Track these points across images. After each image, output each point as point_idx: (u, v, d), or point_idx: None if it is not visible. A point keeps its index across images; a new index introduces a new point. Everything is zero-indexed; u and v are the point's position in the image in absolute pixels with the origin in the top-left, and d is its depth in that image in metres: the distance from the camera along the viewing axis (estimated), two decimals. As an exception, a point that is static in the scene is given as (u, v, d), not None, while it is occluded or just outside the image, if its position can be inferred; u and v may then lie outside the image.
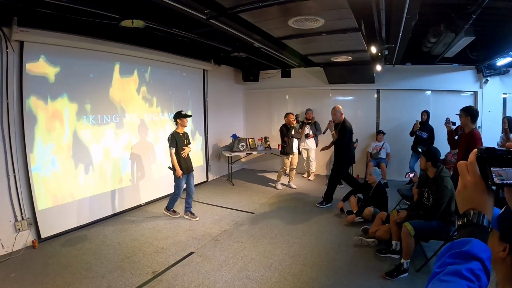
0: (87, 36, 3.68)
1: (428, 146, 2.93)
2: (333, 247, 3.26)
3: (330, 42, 3.87)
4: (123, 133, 4.37)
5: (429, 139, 5.30)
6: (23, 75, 3.22)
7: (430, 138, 5.31)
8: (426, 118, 5.36)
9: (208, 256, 3.06)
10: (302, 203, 4.79)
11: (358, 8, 2.87)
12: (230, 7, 2.69)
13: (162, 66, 4.97)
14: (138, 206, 4.63)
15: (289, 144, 5.40)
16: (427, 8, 3.20)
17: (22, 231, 3.25)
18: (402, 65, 5.77)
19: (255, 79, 6.82)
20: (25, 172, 3.29)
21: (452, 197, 2.72)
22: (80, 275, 2.74)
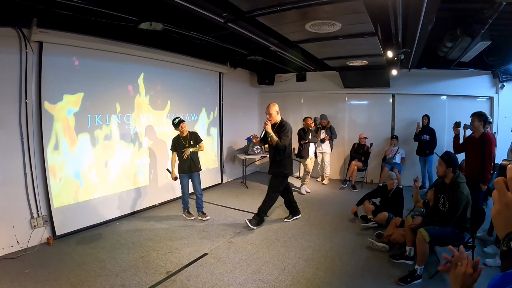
0: (106, 38, 3.74)
1: (447, 152, 2.90)
2: (346, 252, 3.25)
3: (346, 46, 3.86)
4: (139, 134, 4.43)
5: (431, 141, 5.43)
6: (42, 75, 3.28)
7: (432, 141, 5.43)
8: (427, 121, 5.49)
9: (222, 258, 3.07)
10: (316, 207, 4.78)
11: (375, 13, 2.86)
12: (248, 11, 2.71)
13: (179, 68, 5.03)
14: (152, 207, 4.68)
15: (305, 148, 5.38)
16: (443, 12, 3.17)
17: (38, 228, 3.32)
18: (418, 69, 5.71)
19: (270, 82, 6.84)
20: (42, 170, 3.36)
21: (468, 204, 2.70)
22: (94, 273, 2.78)
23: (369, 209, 3.99)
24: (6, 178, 3.11)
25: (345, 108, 6.67)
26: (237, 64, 6.19)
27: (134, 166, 4.39)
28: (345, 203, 4.90)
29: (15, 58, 3.13)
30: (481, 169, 3.28)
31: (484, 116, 3.35)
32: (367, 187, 5.84)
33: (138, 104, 4.39)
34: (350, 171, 5.81)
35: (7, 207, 3.11)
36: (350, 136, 6.47)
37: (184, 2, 2.54)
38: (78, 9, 2.92)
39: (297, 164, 6.88)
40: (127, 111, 4.23)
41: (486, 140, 3.27)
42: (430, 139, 5.43)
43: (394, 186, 3.80)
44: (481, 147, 3.30)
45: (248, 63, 6.10)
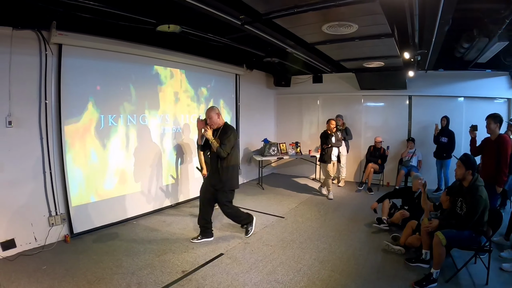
0: (124, 40, 3.79)
1: (466, 154, 2.87)
2: (362, 254, 3.23)
3: (362, 48, 3.85)
4: (155, 134, 4.48)
5: (450, 144, 5.32)
6: (61, 77, 3.35)
7: (450, 143, 5.32)
8: (446, 123, 5.37)
9: (238, 258, 3.08)
10: (332, 209, 4.76)
11: (392, 14, 2.85)
12: (264, 13, 2.72)
13: (196, 70, 5.07)
14: (169, 207, 4.73)
15: (328, 153, 5.23)
16: (460, 13, 3.14)
17: (56, 226, 3.39)
18: (435, 71, 5.66)
19: (286, 84, 6.85)
20: (61, 169, 3.43)
21: (486, 207, 2.66)
22: (110, 270, 2.81)
23: (386, 209, 3.95)
24: (25, 176, 3.19)
25: (361, 110, 6.63)
26: (253, 66, 6.22)
27: (151, 166, 4.44)
28: (361, 206, 4.87)
29: (35, 60, 3.21)
30: (496, 172, 3.25)
31: (499, 117, 3.34)
32: (383, 189, 5.78)
33: (156, 105, 4.45)
34: (367, 174, 5.77)
35: (26, 204, 3.19)
36: (366, 138, 6.43)
37: (202, 5, 2.57)
38: (97, 12, 2.97)
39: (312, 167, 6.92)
40: (144, 112, 4.29)
41: (502, 142, 3.25)
42: (449, 141, 5.30)
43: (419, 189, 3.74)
44: (497, 150, 3.27)
45: (264, 65, 6.11)
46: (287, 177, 7.06)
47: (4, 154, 3.03)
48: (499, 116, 3.35)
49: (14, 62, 3.04)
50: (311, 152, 6.36)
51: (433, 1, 2.49)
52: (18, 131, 3.10)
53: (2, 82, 2.98)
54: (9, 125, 3.03)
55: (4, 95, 3.00)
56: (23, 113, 3.14)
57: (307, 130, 7.27)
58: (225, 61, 5.49)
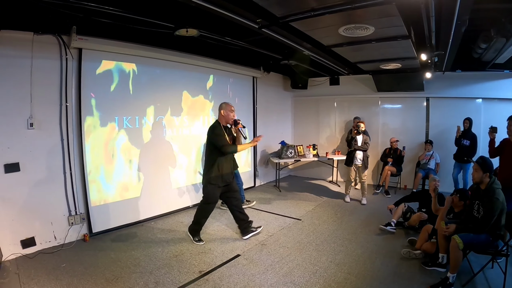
0: (143, 44, 3.86)
1: (483, 157, 2.83)
2: (378, 257, 3.21)
3: (379, 50, 3.83)
4: (175, 136, 4.55)
5: (472, 147, 5.14)
6: (81, 80, 3.43)
7: (472, 146, 5.14)
8: (469, 125, 5.17)
9: (254, 260, 3.11)
10: (349, 212, 4.73)
11: (408, 15, 2.84)
12: (281, 16, 2.74)
13: (214, 73, 5.12)
14: (186, 208, 4.77)
15: (350, 156, 5.15)
16: (477, 13, 3.10)
17: (75, 225, 3.48)
18: (452, 72, 5.53)
19: (303, 87, 6.82)
20: (81, 170, 3.52)
21: (503, 210, 2.63)
22: (128, 269, 2.87)
23: (399, 213, 3.91)
24: (47, 176, 3.28)
25: (378, 112, 6.54)
26: (270, 69, 6.22)
27: (170, 168, 4.51)
28: (378, 209, 4.82)
29: (56, 64, 3.30)
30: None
31: None
32: (400, 192, 5.73)
33: (176, 107, 4.52)
34: (384, 176, 5.70)
35: (47, 204, 3.28)
36: (384, 141, 6.33)
37: (220, 9, 2.60)
38: (116, 17, 3.04)
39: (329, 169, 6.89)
40: (163, 114, 4.35)
41: None
42: (471, 144, 5.11)
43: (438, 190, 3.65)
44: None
45: (281, 67, 6.12)
46: (304, 180, 7.05)
47: (26, 155, 3.12)
48: None
49: (35, 66, 3.13)
50: (328, 155, 6.32)
51: (449, 2, 2.46)
52: (39, 132, 3.20)
53: (24, 85, 3.08)
54: (31, 127, 3.13)
55: (26, 97, 3.09)
56: (44, 116, 3.23)
57: (324, 132, 7.23)
58: (242, 64, 5.53)
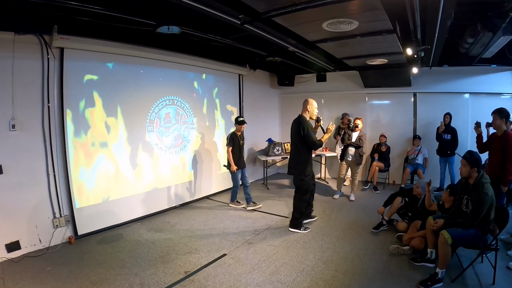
0: (125, 42, 3.81)
1: (470, 152, 2.81)
2: (366, 254, 3.19)
3: (365, 45, 3.81)
4: (159, 136, 4.50)
5: (453, 141, 5.25)
6: (63, 80, 3.38)
7: (453, 140, 5.26)
8: (449, 120, 5.30)
9: (241, 259, 3.07)
10: (337, 209, 4.73)
11: (392, 9, 2.81)
12: (264, 12, 2.71)
13: (198, 71, 5.08)
14: (173, 208, 4.73)
15: (343, 151, 5.20)
16: (462, 7, 3.09)
17: (60, 228, 3.42)
18: (439, 67, 5.58)
19: (290, 84, 6.83)
20: (65, 171, 3.46)
21: (492, 205, 2.61)
22: (114, 271, 2.83)
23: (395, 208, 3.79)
24: (30, 179, 3.22)
25: (366, 108, 6.56)
26: (256, 66, 6.20)
27: (154, 168, 4.46)
28: (366, 205, 4.82)
29: (38, 64, 3.25)
30: (502, 170, 3.13)
31: (506, 112, 3.22)
32: (389, 188, 5.74)
33: (157, 107, 4.45)
34: (372, 172, 5.71)
35: (31, 206, 3.23)
36: (372, 136, 6.35)
37: (201, 5, 2.57)
38: (97, 15, 3.00)
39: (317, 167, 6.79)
40: (147, 112, 4.30)
41: (507, 139, 3.14)
42: (452, 138, 5.25)
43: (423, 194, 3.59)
44: (502, 146, 3.16)
45: (267, 65, 6.10)
46: (292, 177, 6.96)
47: (9, 157, 3.07)
48: (505, 111, 3.23)
49: (17, 66, 3.08)
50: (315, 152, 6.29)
51: None
52: (21, 134, 3.14)
53: (5, 87, 3.03)
54: (13, 128, 3.07)
55: (7, 99, 3.04)
56: (26, 117, 3.18)
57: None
58: (228, 62, 5.49)
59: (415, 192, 3.63)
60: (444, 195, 3.20)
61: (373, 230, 3.81)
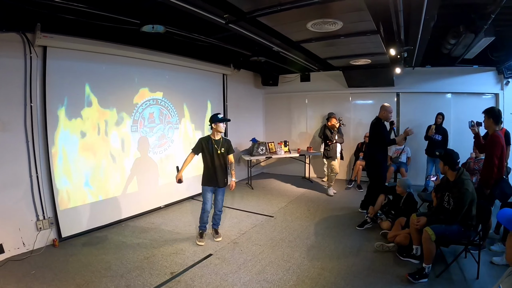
0: (109, 41, 3.76)
1: (445, 150, 2.87)
2: (352, 252, 3.22)
3: (349, 45, 3.85)
4: (144, 137, 4.45)
5: (444, 142, 5.24)
6: (46, 79, 3.31)
7: (444, 141, 5.26)
8: (441, 120, 5.28)
9: (227, 258, 3.07)
10: (322, 207, 4.77)
11: (376, 10, 2.85)
12: (248, 11, 2.71)
13: (183, 71, 5.04)
14: (158, 208, 4.69)
15: (333, 149, 5.30)
16: (445, 9, 3.15)
17: (44, 230, 3.35)
18: (422, 67, 5.69)
19: (274, 83, 6.85)
20: (48, 173, 3.39)
21: (474, 201, 2.67)
22: (99, 274, 2.79)
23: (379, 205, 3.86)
24: (12, 180, 3.14)
25: (350, 107, 6.65)
26: (240, 66, 6.20)
27: (138, 168, 4.40)
28: (350, 203, 4.88)
29: (20, 62, 3.17)
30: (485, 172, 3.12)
31: (492, 112, 3.10)
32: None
33: (142, 107, 4.40)
34: (355, 171, 5.79)
35: (13, 209, 3.15)
36: (355, 136, 6.43)
37: (186, 4, 2.56)
38: (81, 13, 2.94)
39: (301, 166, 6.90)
40: (131, 112, 4.25)
41: (490, 142, 3.08)
42: (442, 139, 5.23)
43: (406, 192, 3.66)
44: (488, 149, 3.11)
45: (251, 64, 6.09)
46: (276, 176, 7.07)
47: (-10, 159, 2.99)
48: (493, 111, 3.12)
49: (-2, 65, 3.00)
50: (299, 151, 6.38)
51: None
52: (3, 134, 3.06)
53: (-13, 86, 2.95)
54: (-5, 129, 3.00)
55: (-12, 98, 2.96)
56: (8, 117, 3.10)
57: (296, 129, 7.30)
58: (212, 61, 5.47)
59: (398, 190, 3.69)
60: (433, 195, 3.27)
61: (357, 228, 3.85)
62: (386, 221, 3.70)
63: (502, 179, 3.12)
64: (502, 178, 3.12)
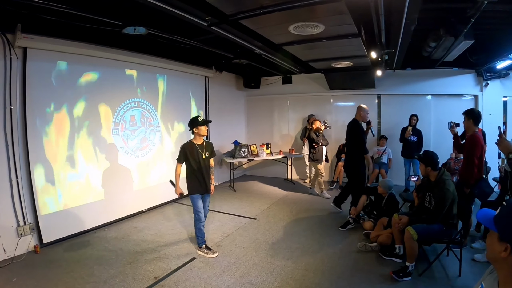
0: (90, 43, 3.71)
1: (424, 152, 2.93)
2: (335, 252, 3.25)
3: (330, 48, 3.89)
4: (124, 140, 4.39)
5: (419, 143, 5.32)
6: (26, 81, 3.24)
7: (419, 142, 5.34)
8: (416, 122, 5.37)
9: (210, 262, 3.06)
10: (304, 209, 4.79)
11: (358, 14, 2.90)
12: (231, 14, 2.72)
13: (165, 73, 5.00)
14: (140, 212, 4.63)
15: (319, 151, 5.32)
16: (426, 13, 3.22)
17: (25, 236, 3.27)
18: (403, 70, 5.80)
19: (256, 86, 6.86)
20: (28, 177, 3.31)
21: (454, 200, 2.73)
22: (82, 280, 2.74)
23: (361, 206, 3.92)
24: (-9, 186, 3.06)
25: (331, 109, 6.73)
26: (222, 68, 6.19)
27: (120, 172, 4.35)
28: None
29: (0, 64, 3.10)
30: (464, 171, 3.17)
31: (472, 113, 3.13)
32: None
33: (122, 110, 4.33)
34: (337, 172, 5.85)
35: (-7, 215, 3.06)
36: (337, 137, 6.48)
37: (168, 6, 2.55)
38: (62, 14, 2.90)
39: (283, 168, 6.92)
40: (112, 115, 4.19)
41: (469, 143, 3.13)
42: (418, 140, 5.33)
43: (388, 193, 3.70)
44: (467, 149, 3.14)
45: (234, 67, 6.10)
46: (259, 179, 7.08)
47: (-32, 163, 2.91)
48: (472, 112, 3.15)
49: (-24, 66, 2.93)
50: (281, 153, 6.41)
51: (398, 1, 2.53)
52: (-19, 139, 2.99)
53: (-36, 88, 2.88)
54: (-28, 132, 2.92)
55: (-34, 101, 2.88)
56: (-13, 120, 3.02)
57: (278, 131, 7.34)
58: (194, 63, 5.45)
59: (380, 191, 3.74)
60: (414, 194, 3.33)
61: (340, 229, 3.89)
62: (369, 221, 3.75)
63: (481, 178, 3.19)
64: (482, 178, 3.19)
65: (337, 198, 4.50)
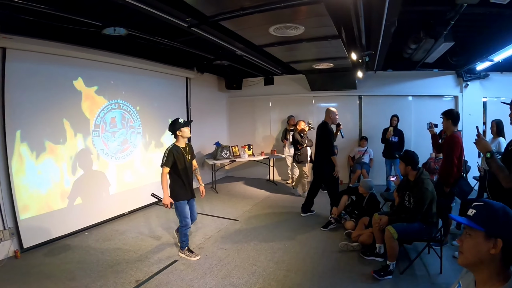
0: (70, 43, 3.66)
1: (405, 151, 2.98)
2: (317, 252, 3.26)
3: (311, 49, 3.91)
4: (105, 142, 4.34)
5: (400, 143, 5.37)
6: (5, 83, 3.17)
7: (400, 142, 5.39)
8: (397, 122, 5.43)
9: (192, 264, 3.04)
10: (286, 209, 4.81)
11: (338, 15, 2.93)
12: (211, 15, 2.72)
13: (145, 74, 4.96)
14: (121, 215, 4.56)
15: (304, 153, 5.33)
16: (406, 15, 3.27)
17: (4, 241, 3.19)
18: (383, 71, 5.88)
19: (238, 87, 6.86)
20: (7, 181, 3.23)
21: (433, 199, 2.78)
22: (63, 284, 2.70)
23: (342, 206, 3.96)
24: (-32, 190, 3.00)
25: (313, 110, 6.77)
26: (204, 69, 6.16)
27: (101, 175, 4.29)
28: (315, 205, 4.86)
29: (-23, 65, 3.04)
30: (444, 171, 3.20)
31: (451, 114, 3.16)
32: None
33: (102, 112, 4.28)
34: None
35: (-29, 220, 2.99)
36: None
37: (148, 7, 2.54)
38: (42, 14, 2.86)
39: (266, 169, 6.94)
40: (92, 118, 4.13)
41: (448, 143, 3.16)
42: (399, 140, 5.37)
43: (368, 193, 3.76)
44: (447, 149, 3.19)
45: (215, 68, 6.08)
46: (241, 180, 7.09)
47: None
48: (451, 113, 3.18)
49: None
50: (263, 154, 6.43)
51: (378, 3, 2.56)
52: (-42, 142, 2.92)
53: None
54: None
55: None
56: (-36, 123, 2.96)
57: (260, 132, 7.35)
58: (175, 65, 5.42)
59: (361, 190, 3.79)
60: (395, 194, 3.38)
61: (322, 229, 3.91)
62: (350, 221, 3.79)
63: (461, 177, 3.26)
64: (461, 177, 3.26)
65: (304, 207, 4.49)
